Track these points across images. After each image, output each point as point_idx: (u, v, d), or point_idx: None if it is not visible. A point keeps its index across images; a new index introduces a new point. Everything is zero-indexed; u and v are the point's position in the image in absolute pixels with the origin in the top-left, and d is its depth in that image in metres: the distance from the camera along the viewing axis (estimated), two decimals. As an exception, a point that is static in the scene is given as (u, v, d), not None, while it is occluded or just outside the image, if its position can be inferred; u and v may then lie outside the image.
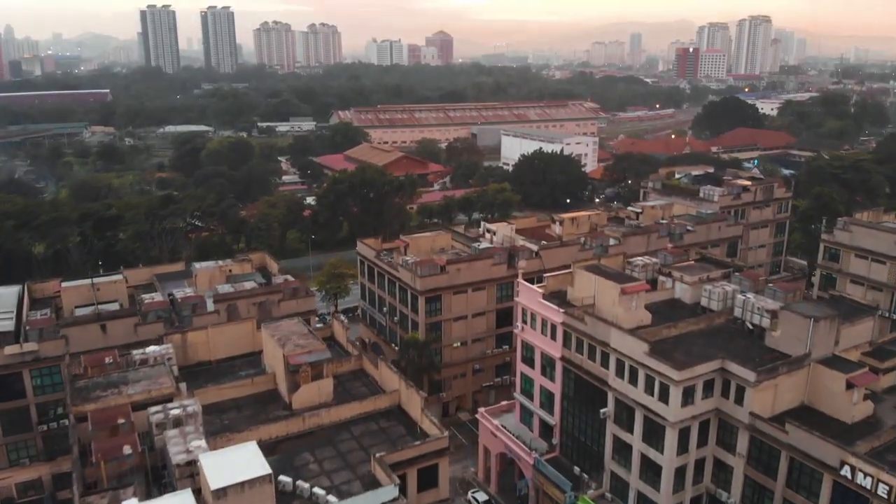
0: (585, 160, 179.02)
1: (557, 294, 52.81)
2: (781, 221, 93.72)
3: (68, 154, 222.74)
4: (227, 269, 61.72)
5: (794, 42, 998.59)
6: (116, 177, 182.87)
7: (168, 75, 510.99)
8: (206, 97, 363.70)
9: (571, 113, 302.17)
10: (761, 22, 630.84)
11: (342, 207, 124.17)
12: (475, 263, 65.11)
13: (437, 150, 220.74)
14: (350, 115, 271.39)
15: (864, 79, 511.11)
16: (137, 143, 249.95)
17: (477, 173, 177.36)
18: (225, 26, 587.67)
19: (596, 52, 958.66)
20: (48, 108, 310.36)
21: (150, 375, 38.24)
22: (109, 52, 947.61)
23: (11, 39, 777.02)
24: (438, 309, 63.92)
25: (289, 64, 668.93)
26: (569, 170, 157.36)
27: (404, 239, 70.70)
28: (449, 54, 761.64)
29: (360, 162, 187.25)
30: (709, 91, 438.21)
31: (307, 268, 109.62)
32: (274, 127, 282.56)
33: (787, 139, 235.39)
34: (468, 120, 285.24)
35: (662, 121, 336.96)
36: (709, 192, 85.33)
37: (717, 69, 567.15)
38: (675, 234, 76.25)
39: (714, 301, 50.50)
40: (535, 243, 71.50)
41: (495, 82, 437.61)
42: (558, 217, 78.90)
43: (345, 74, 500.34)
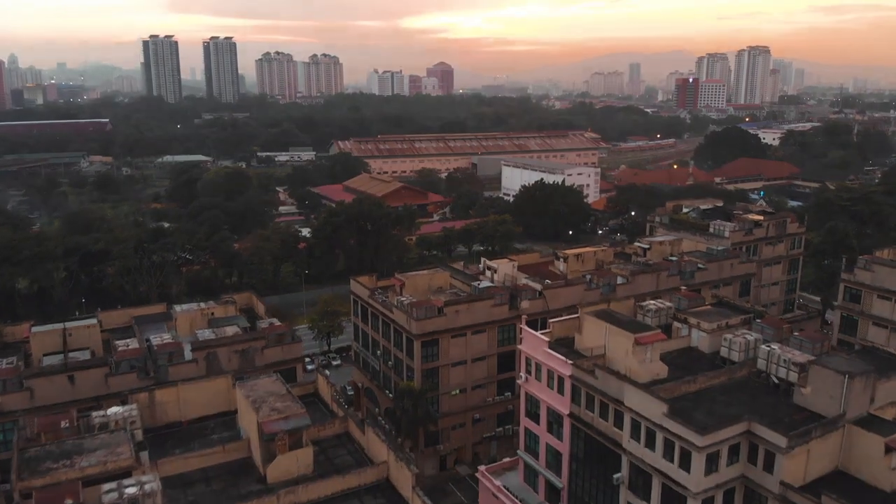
0: (587, 191, 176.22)
1: (564, 341, 48.70)
2: (795, 257, 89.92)
3: (64, 184, 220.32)
4: (210, 312, 57.71)
5: (793, 72, 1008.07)
6: (111, 207, 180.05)
7: (169, 105, 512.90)
8: (207, 127, 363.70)
9: (572, 143, 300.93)
10: (760, 52, 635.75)
11: (339, 240, 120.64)
12: (475, 304, 61.10)
13: (437, 181, 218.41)
14: (350, 145, 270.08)
15: (864, 108, 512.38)
16: (135, 172, 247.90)
17: (477, 204, 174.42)
18: (227, 56, 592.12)
19: (595, 82, 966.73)
20: (47, 137, 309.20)
21: (109, 443, 33.97)
22: (113, 81, 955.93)
23: (15, 68, 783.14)
24: (435, 354, 59.71)
25: (290, 94, 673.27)
26: (571, 201, 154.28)
27: (400, 277, 66.78)
28: (449, 85, 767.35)
29: (359, 192, 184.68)
30: (709, 121, 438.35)
31: (300, 303, 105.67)
32: (273, 157, 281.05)
33: (790, 170, 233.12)
34: (468, 150, 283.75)
35: (663, 150, 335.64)
36: (719, 228, 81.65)
37: (717, 99, 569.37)
38: (686, 272, 72.38)
39: (735, 352, 46.34)
40: (538, 282, 67.59)
41: (495, 112, 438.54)
42: (562, 253, 75.11)
43: (346, 104, 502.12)
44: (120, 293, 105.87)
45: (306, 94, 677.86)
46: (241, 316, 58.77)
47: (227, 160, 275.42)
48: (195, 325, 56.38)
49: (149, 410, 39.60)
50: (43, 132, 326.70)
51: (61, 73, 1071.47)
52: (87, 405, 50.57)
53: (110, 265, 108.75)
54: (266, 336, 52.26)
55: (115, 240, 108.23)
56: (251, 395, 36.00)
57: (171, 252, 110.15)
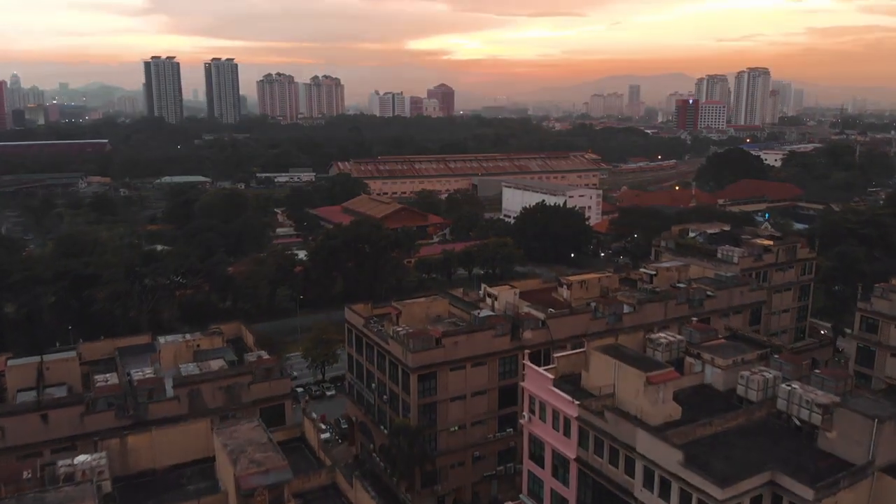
0: (589, 213, 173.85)
1: (570, 378, 45.76)
2: (805, 283, 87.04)
3: (60, 205, 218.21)
4: (195, 344, 54.84)
5: (792, 93, 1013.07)
6: (107, 229, 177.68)
7: (170, 125, 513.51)
8: (206, 147, 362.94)
9: (573, 164, 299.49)
10: (760, 73, 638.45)
11: (336, 264, 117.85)
12: (475, 335, 58.16)
13: (437, 202, 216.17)
14: (349, 166, 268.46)
15: (865, 129, 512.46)
16: (132, 193, 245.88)
17: (477, 225, 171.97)
18: (228, 77, 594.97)
19: (595, 103, 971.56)
20: (45, 157, 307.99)
21: (73, 497, 30.93)
22: (115, 102, 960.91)
23: (17, 88, 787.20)
24: (433, 388, 56.64)
25: (292, 115, 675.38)
26: (572, 223, 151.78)
27: (396, 305, 63.90)
28: (450, 106, 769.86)
29: (358, 213, 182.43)
30: (710, 142, 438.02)
31: (295, 329, 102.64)
32: (273, 178, 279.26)
33: (794, 191, 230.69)
34: (469, 171, 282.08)
35: (665, 172, 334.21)
36: (728, 253, 78.92)
37: (717, 120, 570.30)
38: (695, 300, 69.53)
39: (752, 390, 43.35)
40: (541, 310, 64.70)
41: (496, 133, 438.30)
42: (566, 280, 72.32)
43: (346, 125, 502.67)
44: (110, 319, 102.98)
45: (307, 115, 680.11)
46: (228, 348, 55.88)
47: (225, 181, 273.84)
48: (180, 358, 53.49)
49: (120, 457, 36.58)
50: (41, 152, 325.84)
51: (64, 93, 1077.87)
52: (61, 446, 47.65)
53: (100, 290, 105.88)
54: (253, 371, 49.33)
55: (106, 264, 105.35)
56: (230, 443, 33.02)
57: (163, 276, 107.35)
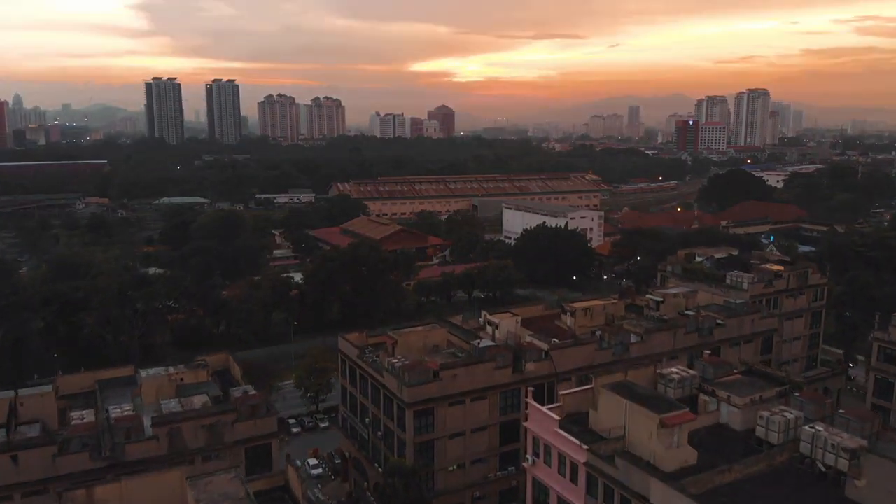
0: (591, 235, 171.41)
1: (576, 418, 42.71)
2: (817, 310, 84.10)
3: (56, 226, 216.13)
4: (178, 378, 51.89)
5: (791, 114, 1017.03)
6: (103, 251, 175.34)
7: (171, 146, 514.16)
8: (206, 168, 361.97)
9: (573, 185, 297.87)
10: (759, 95, 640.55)
11: (333, 287, 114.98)
12: (475, 368, 55.16)
13: (437, 223, 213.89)
14: (349, 187, 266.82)
15: (866, 150, 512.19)
16: (129, 215, 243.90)
17: (478, 247, 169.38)
18: (229, 99, 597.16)
19: (594, 124, 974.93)
20: (44, 178, 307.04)
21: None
22: (117, 122, 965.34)
23: (19, 109, 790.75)
24: (430, 424, 53.51)
25: (292, 136, 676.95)
26: (574, 245, 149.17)
27: (392, 335, 60.97)
28: (450, 127, 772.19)
29: (357, 235, 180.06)
30: (710, 163, 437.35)
31: (289, 356, 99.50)
32: (272, 198, 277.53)
33: (797, 212, 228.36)
34: (469, 192, 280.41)
35: (666, 192, 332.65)
36: (737, 279, 76.10)
37: (717, 141, 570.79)
38: (704, 328, 66.56)
39: (773, 432, 40.28)
40: (544, 340, 61.80)
41: (496, 154, 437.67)
42: (570, 307, 69.46)
43: (347, 146, 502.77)
44: (100, 345, 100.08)
45: (308, 136, 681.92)
46: (213, 382, 52.86)
47: (224, 202, 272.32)
48: (161, 393, 50.52)
49: (86, 510, 33.48)
50: (40, 173, 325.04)
51: (66, 113, 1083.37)
52: (32, 489, 44.72)
53: (90, 315, 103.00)
54: (237, 408, 46.30)
55: (95, 288, 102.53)
56: (203, 498, 30.03)
57: (155, 301, 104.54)
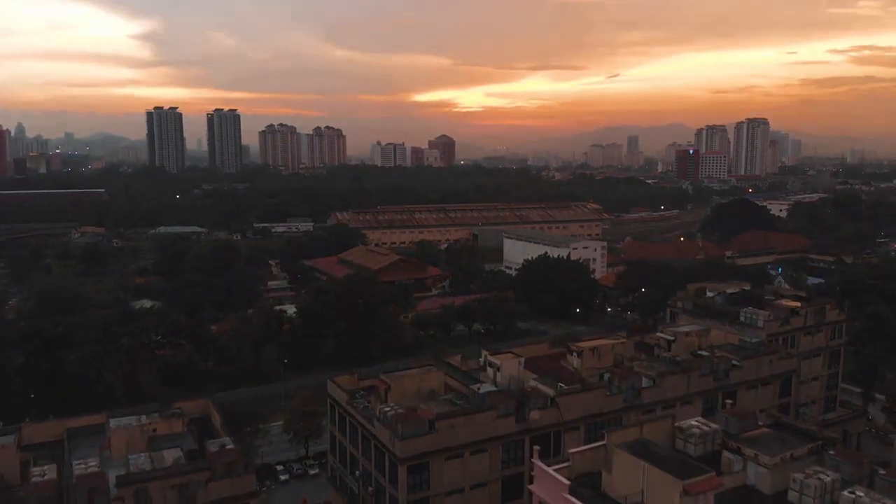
0: (594, 265, 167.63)
1: (588, 480, 38.37)
2: (836, 348, 79.84)
3: (50, 256, 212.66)
4: (151, 429, 47.57)
5: (790, 143, 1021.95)
6: (94, 282, 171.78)
7: (171, 175, 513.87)
8: (205, 197, 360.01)
9: (574, 214, 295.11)
10: (759, 124, 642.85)
11: (327, 321, 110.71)
12: (474, 417, 50.74)
13: (437, 252, 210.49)
14: (348, 217, 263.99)
15: (868, 179, 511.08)
16: (125, 244, 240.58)
17: (478, 278, 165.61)
18: (230, 128, 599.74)
19: (594, 154, 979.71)
20: (41, 207, 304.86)
21: None
22: (119, 151, 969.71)
23: (22, 137, 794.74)
24: (425, 481, 48.88)
25: (293, 165, 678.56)
26: (577, 277, 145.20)
27: (385, 379, 56.71)
28: (451, 157, 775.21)
29: (355, 265, 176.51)
30: (712, 192, 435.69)
31: (279, 396, 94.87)
32: (270, 228, 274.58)
33: (802, 242, 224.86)
34: (469, 221, 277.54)
35: (668, 222, 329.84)
36: (751, 316, 71.99)
37: (718, 170, 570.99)
38: (719, 370, 62.31)
39: (808, 497, 35.86)
40: (549, 384, 57.53)
41: (496, 183, 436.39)
42: (576, 347, 65.28)
43: (347, 175, 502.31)
44: (83, 383, 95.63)
45: (309, 165, 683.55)
46: (188, 433, 48.49)
47: (222, 231, 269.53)
48: (132, 446, 46.12)
49: None
50: (37, 202, 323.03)
51: (69, 142, 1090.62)
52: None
53: (72, 351, 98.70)
54: (212, 465, 41.90)
55: (78, 323, 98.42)
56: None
57: (141, 336, 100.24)
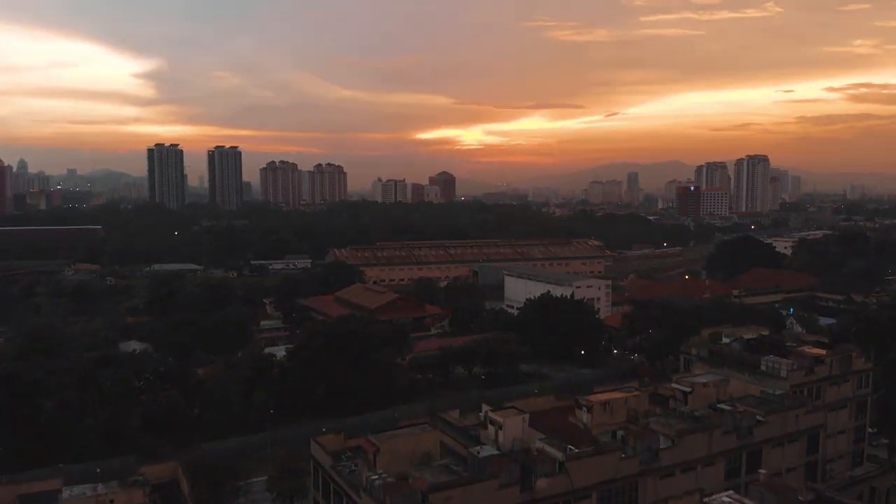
0: (598, 305, 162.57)
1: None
2: (862, 398, 74.30)
3: (40, 294, 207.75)
4: (108, 500, 42.07)
5: (789, 180, 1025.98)
6: (83, 321, 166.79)
7: (171, 211, 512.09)
8: (203, 234, 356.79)
9: (576, 251, 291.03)
10: (759, 161, 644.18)
11: (319, 365, 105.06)
12: (474, 487, 45.04)
13: (437, 290, 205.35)
14: (346, 253, 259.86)
15: (871, 215, 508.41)
16: (118, 282, 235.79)
17: (479, 317, 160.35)
18: (231, 165, 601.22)
19: (594, 190, 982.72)
20: (36, 243, 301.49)
21: None
22: (120, 188, 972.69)
23: (24, 173, 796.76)
24: (419, 561, 43.13)
25: (294, 202, 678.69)
26: (581, 317, 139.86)
27: (374, 440, 51.20)
28: (451, 193, 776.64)
29: (352, 304, 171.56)
30: (714, 228, 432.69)
31: (265, 445, 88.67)
32: (267, 265, 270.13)
33: (809, 280, 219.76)
34: (469, 257, 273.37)
35: (671, 259, 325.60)
36: (774, 365, 66.75)
37: (719, 207, 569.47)
38: (743, 427, 56.87)
39: None
40: (557, 445, 52.01)
41: (496, 219, 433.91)
42: (585, 401, 59.85)
43: (347, 212, 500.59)
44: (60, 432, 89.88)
45: (310, 202, 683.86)
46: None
47: (218, 269, 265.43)
48: (84, 521, 40.67)
49: None
50: (32, 238, 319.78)
51: (71, 179, 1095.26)
52: None
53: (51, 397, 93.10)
54: (171, 549, 36.39)
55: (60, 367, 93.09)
56: None
57: (124, 381, 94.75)
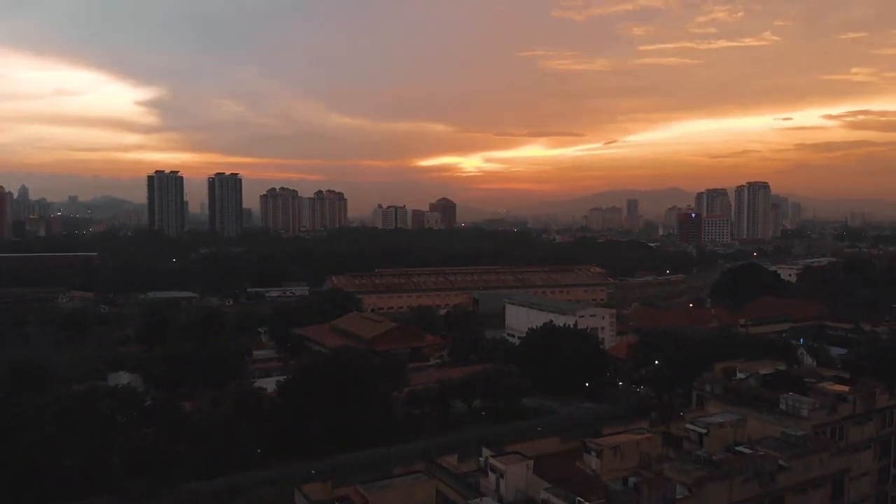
0: (602, 334, 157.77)
1: None
2: (885, 438, 69.69)
3: (31, 322, 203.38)
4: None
5: (789, 206, 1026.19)
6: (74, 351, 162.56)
7: (169, 238, 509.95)
8: (200, 261, 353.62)
9: (578, 278, 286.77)
10: (760, 188, 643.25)
11: (310, 400, 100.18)
12: (472, 546, 40.72)
13: (436, 319, 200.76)
14: (343, 280, 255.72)
15: (876, 242, 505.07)
16: (111, 310, 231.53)
17: (479, 347, 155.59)
18: (232, 192, 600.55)
19: (594, 217, 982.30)
20: (31, 270, 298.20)
21: None
22: (121, 215, 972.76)
23: (24, 200, 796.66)
24: None
25: (294, 228, 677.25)
26: (586, 348, 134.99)
27: (362, 492, 46.68)
28: (452, 219, 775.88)
29: (348, 333, 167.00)
30: (716, 255, 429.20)
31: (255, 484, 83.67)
32: (264, 292, 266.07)
33: (816, 309, 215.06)
34: (469, 284, 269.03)
35: (674, 286, 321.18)
36: (794, 404, 62.32)
37: (721, 234, 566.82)
38: (765, 473, 52.33)
39: None
40: (563, 495, 47.48)
41: (497, 246, 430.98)
42: (594, 444, 55.41)
43: (347, 238, 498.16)
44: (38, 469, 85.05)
45: (310, 229, 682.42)
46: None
47: (214, 296, 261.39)
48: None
49: None
50: (28, 265, 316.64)
51: (72, 206, 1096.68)
52: None
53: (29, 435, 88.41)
54: None
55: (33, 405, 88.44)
56: None
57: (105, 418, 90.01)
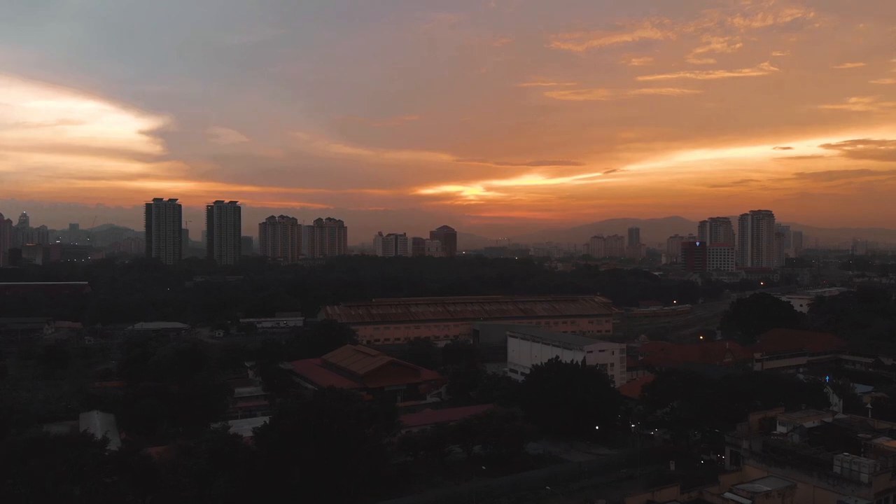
0: (611, 371, 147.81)
1: None
2: (952, 502, 59.90)
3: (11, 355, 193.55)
4: None
5: (791, 235, 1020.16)
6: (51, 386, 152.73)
7: (166, 267, 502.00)
8: (194, 290, 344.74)
9: (582, 308, 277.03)
10: (763, 216, 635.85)
11: (292, 449, 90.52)
12: None
13: (434, 352, 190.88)
14: (338, 311, 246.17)
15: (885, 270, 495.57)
16: (96, 342, 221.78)
17: (479, 384, 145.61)
18: (230, 219, 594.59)
19: (595, 245, 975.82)
20: (19, 299, 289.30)
21: None
22: (121, 243, 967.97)
23: (24, 228, 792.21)
24: None
25: (293, 256, 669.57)
26: (596, 388, 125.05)
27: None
28: (452, 247, 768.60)
29: (339, 368, 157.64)
30: (722, 285, 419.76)
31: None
32: (256, 323, 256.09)
33: (832, 341, 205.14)
34: (469, 314, 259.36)
35: (681, 317, 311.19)
36: (851, 467, 52.79)
37: (726, 263, 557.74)
38: (827, 559, 42.83)
39: None
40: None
41: (498, 274, 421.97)
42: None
43: (345, 266, 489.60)
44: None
45: (309, 257, 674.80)
46: None
47: (205, 327, 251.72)
48: None
49: None
50: (17, 294, 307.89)
51: (73, 234, 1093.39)
52: None
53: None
54: None
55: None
56: None
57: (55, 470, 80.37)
